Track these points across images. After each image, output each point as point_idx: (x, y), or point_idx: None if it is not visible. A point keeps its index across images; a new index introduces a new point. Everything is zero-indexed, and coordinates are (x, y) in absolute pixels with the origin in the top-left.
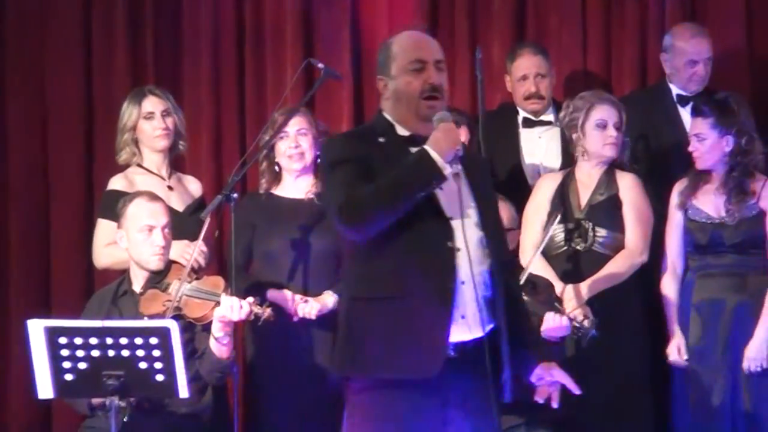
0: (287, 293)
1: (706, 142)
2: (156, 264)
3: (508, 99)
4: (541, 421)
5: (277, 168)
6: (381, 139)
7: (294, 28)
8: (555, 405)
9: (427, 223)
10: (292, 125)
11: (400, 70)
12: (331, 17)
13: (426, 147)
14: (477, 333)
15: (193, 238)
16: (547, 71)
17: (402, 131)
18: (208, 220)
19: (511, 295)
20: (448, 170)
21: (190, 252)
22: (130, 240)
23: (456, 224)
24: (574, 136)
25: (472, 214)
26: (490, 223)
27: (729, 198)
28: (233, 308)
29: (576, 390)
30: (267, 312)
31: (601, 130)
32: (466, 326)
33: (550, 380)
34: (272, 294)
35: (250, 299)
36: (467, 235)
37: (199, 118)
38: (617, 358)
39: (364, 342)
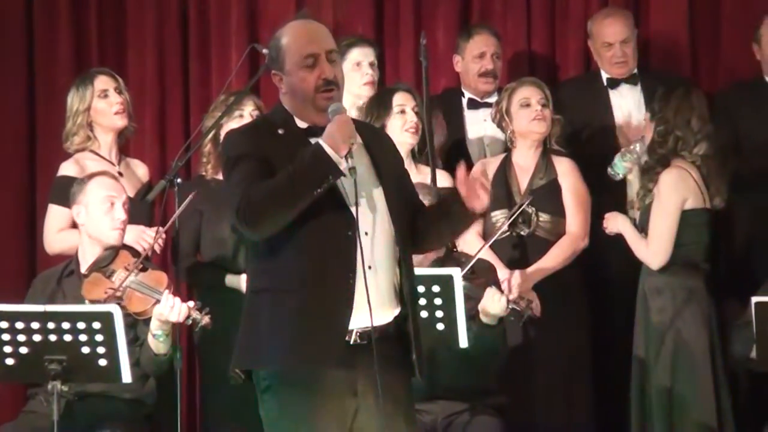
0: (244, 278)
1: (642, 123)
2: (115, 238)
3: (451, 84)
4: (485, 407)
5: None
6: (280, 131)
7: (239, 12)
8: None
9: (327, 213)
10: (245, 108)
11: (292, 66)
12: (276, 2)
13: (320, 141)
14: (384, 319)
15: (143, 223)
16: (501, 53)
17: (301, 123)
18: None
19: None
20: (343, 165)
21: (146, 237)
22: (90, 214)
23: (361, 210)
24: (503, 125)
25: (377, 198)
26: (397, 204)
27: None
28: (173, 309)
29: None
30: (205, 319)
31: (525, 108)
32: (374, 312)
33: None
34: (230, 279)
35: (191, 303)
36: (373, 221)
37: (143, 102)
38: (560, 345)
39: (267, 335)
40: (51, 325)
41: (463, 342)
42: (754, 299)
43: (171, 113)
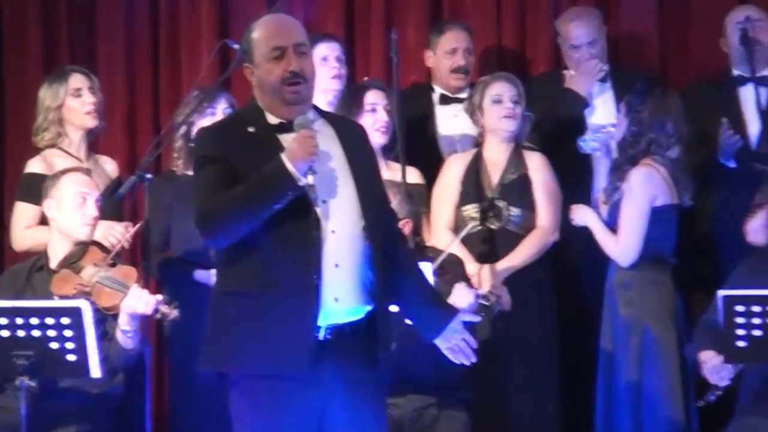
0: (213, 273)
1: (619, 117)
2: (86, 234)
3: (421, 79)
4: (453, 401)
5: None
6: (250, 129)
7: (209, 8)
8: (472, 360)
9: (293, 215)
10: (218, 106)
11: (261, 59)
12: None
13: (282, 158)
14: (354, 315)
15: (112, 219)
16: (472, 49)
17: (271, 119)
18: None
19: (405, 264)
20: (303, 182)
21: (115, 233)
22: (61, 208)
23: (331, 206)
24: (475, 118)
25: (348, 195)
26: (369, 201)
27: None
28: (140, 301)
29: (470, 360)
30: (173, 313)
31: (497, 104)
32: (341, 309)
33: (460, 336)
34: (199, 273)
35: (159, 297)
36: (342, 217)
37: (113, 98)
38: (529, 339)
39: (234, 337)
40: (19, 321)
41: (432, 337)
42: (720, 292)
43: (141, 109)
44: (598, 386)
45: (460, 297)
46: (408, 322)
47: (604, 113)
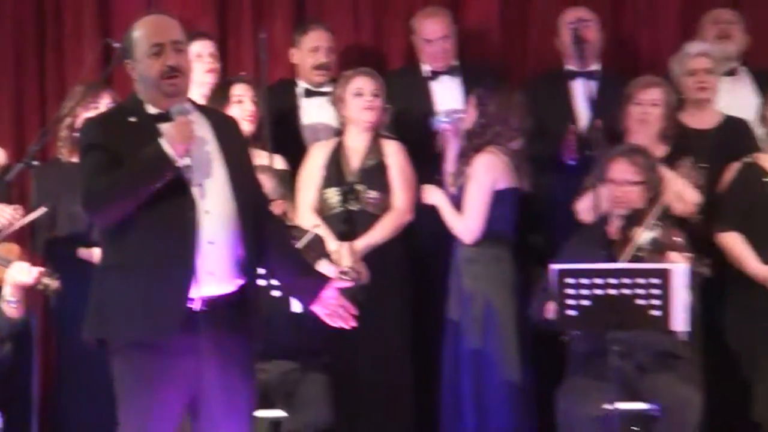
0: (95, 251)
1: (468, 108)
2: None
3: (288, 74)
4: (314, 366)
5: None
6: (132, 119)
7: (92, 9)
8: (352, 324)
9: (171, 196)
10: (102, 101)
11: (141, 55)
12: (129, 1)
13: (161, 142)
14: (227, 288)
15: (1, 202)
16: (334, 47)
17: (151, 110)
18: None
19: (279, 239)
20: (180, 163)
21: (4, 214)
22: None
23: (206, 189)
24: (338, 107)
25: (221, 180)
26: (240, 184)
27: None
28: (23, 272)
29: (350, 324)
30: (55, 284)
31: (358, 97)
32: (215, 282)
33: (337, 302)
34: (83, 251)
35: (41, 269)
36: (216, 198)
37: (2, 94)
38: (383, 309)
39: (115, 308)
40: None
41: (296, 308)
42: (553, 266)
43: (28, 103)
44: (445, 352)
45: (324, 272)
46: (274, 294)
47: (452, 104)
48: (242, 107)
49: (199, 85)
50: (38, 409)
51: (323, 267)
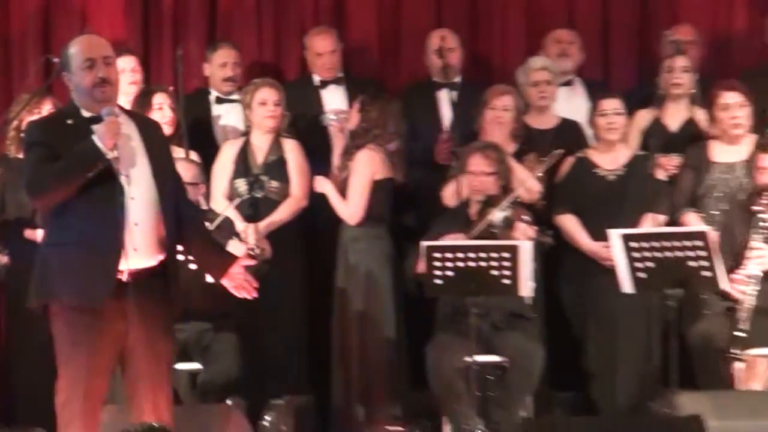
0: (39, 232)
1: (352, 112)
2: None
3: (202, 84)
4: (225, 327)
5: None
6: (69, 121)
7: (34, 29)
8: (253, 295)
9: (103, 185)
10: (44, 107)
11: (76, 68)
12: (66, 24)
13: (93, 137)
14: (150, 262)
15: None
16: (240, 62)
17: (85, 114)
18: None
19: (194, 221)
20: (110, 154)
21: None
22: None
23: (132, 180)
24: (246, 112)
25: (145, 171)
26: (161, 175)
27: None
28: None
29: (252, 295)
30: (4, 259)
31: (263, 105)
32: (140, 257)
33: (242, 276)
34: (28, 233)
35: None
36: (140, 186)
37: None
38: (282, 278)
39: (55, 278)
40: None
41: (209, 278)
42: (423, 243)
43: None
44: (335, 315)
45: (234, 249)
46: (191, 266)
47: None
48: (162, 113)
49: (125, 94)
50: None
51: (233, 245)
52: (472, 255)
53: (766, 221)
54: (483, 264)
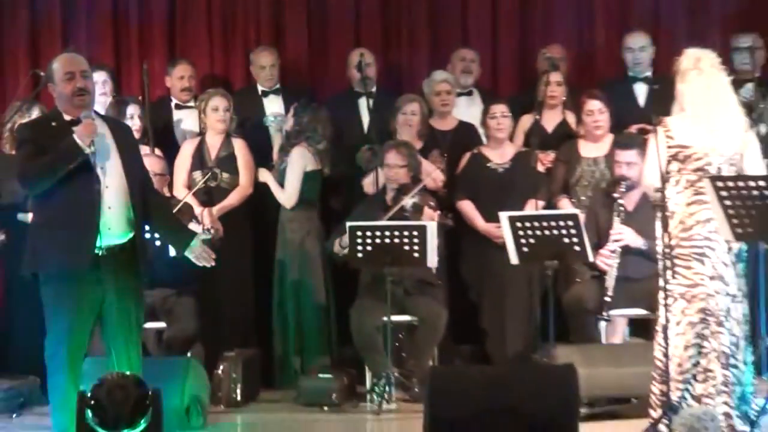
0: (29, 215)
1: (288, 117)
2: None
3: (164, 93)
4: (186, 292)
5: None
6: (53, 123)
7: (24, 48)
8: (212, 264)
9: (83, 175)
10: (33, 112)
11: (59, 80)
12: (50, 42)
13: (74, 136)
14: (121, 239)
15: None
16: (195, 75)
17: (67, 117)
18: None
19: (161, 207)
20: (87, 150)
21: None
22: None
23: (107, 172)
24: (201, 116)
25: (117, 164)
26: (130, 168)
27: None
28: None
29: (210, 263)
30: (1, 237)
31: (215, 112)
32: (113, 235)
33: (201, 249)
34: (21, 216)
35: None
36: (113, 177)
37: None
38: (231, 253)
39: (43, 252)
40: None
41: (172, 252)
42: (348, 223)
43: None
44: (275, 285)
45: (193, 228)
46: (157, 243)
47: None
48: (132, 122)
49: (98, 103)
50: None
51: (192, 225)
52: (387, 233)
53: (623, 206)
54: (397, 241)
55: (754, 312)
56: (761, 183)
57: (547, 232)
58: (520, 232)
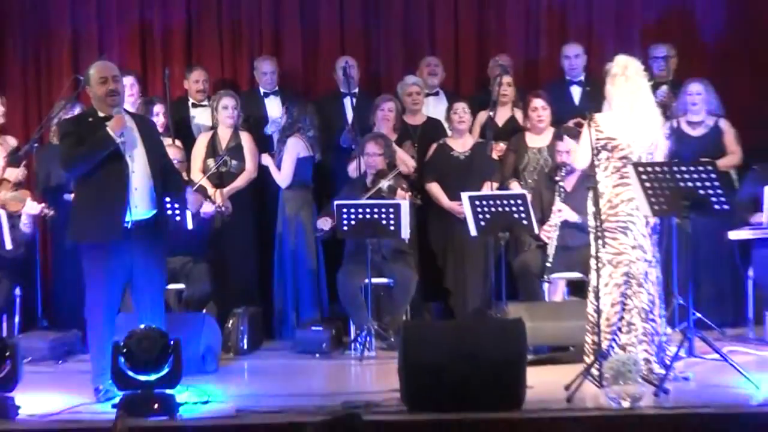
0: (72, 195)
1: (283, 114)
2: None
3: (183, 94)
4: (201, 259)
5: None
6: (90, 119)
7: (67, 55)
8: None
9: (114, 162)
10: (75, 110)
11: (94, 83)
12: (88, 51)
13: (107, 128)
14: (145, 215)
15: (15, 168)
16: (208, 79)
17: (101, 114)
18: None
19: (178, 186)
20: (118, 140)
21: (19, 174)
22: None
23: (134, 158)
24: (213, 113)
25: (142, 153)
26: (153, 156)
27: None
28: (31, 206)
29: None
30: (51, 212)
31: (225, 110)
32: (139, 212)
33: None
34: (66, 196)
35: (42, 204)
36: (139, 163)
37: (14, 106)
38: (237, 230)
39: (83, 225)
40: None
41: (189, 225)
42: (335, 202)
43: (31, 111)
44: (275, 252)
45: (207, 208)
46: (177, 219)
47: (276, 113)
48: (158, 118)
49: (128, 103)
50: (40, 286)
51: (206, 205)
52: (368, 210)
53: (563, 187)
54: (376, 216)
55: (668, 275)
56: (674, 168)
57: (500, 209)
58: (478, 209)
